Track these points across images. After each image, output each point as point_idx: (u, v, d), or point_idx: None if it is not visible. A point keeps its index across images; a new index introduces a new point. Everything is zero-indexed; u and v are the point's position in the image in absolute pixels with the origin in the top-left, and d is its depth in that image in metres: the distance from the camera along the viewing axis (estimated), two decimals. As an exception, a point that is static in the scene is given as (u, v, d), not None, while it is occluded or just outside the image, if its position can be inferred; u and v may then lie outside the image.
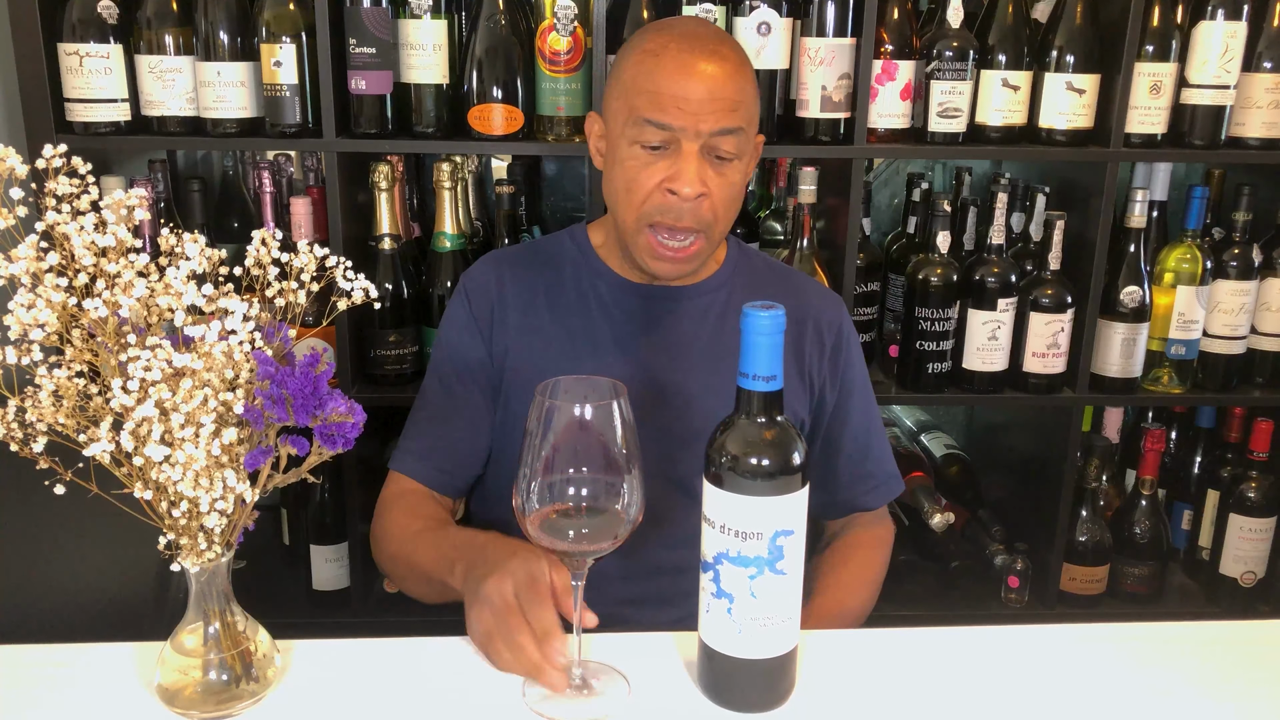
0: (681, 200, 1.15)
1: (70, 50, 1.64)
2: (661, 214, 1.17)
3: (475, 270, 1.34)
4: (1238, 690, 0.98)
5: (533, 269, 1.33)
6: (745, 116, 1.17)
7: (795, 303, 1.31)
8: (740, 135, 1.17)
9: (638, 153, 1.17)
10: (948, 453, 2.16)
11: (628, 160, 1.18)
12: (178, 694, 0.91)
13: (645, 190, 1.17)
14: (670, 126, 1.14)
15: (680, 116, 1.14)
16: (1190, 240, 1.86)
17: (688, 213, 1.16)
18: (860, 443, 1.36)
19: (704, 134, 1.14)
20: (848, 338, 1.36)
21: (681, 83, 1.14)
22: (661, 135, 1.15)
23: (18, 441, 0.83)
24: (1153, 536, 1.98)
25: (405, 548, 1.21)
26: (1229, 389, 1.93)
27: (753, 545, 0.87)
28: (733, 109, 1.15)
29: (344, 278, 0.89)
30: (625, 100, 1.18)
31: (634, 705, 0.94)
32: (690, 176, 1.14)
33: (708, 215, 1.18)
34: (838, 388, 1.35)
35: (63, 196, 0.82)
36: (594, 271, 1.31)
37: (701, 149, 1.15)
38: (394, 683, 0.97)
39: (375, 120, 1.69)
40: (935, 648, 1.04)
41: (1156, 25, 1.73)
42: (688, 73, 1.14)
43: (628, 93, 1.18)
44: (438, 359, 1.33)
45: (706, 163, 1.16)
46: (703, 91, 1.13)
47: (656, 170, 1.16)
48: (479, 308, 1.30)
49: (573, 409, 0.88)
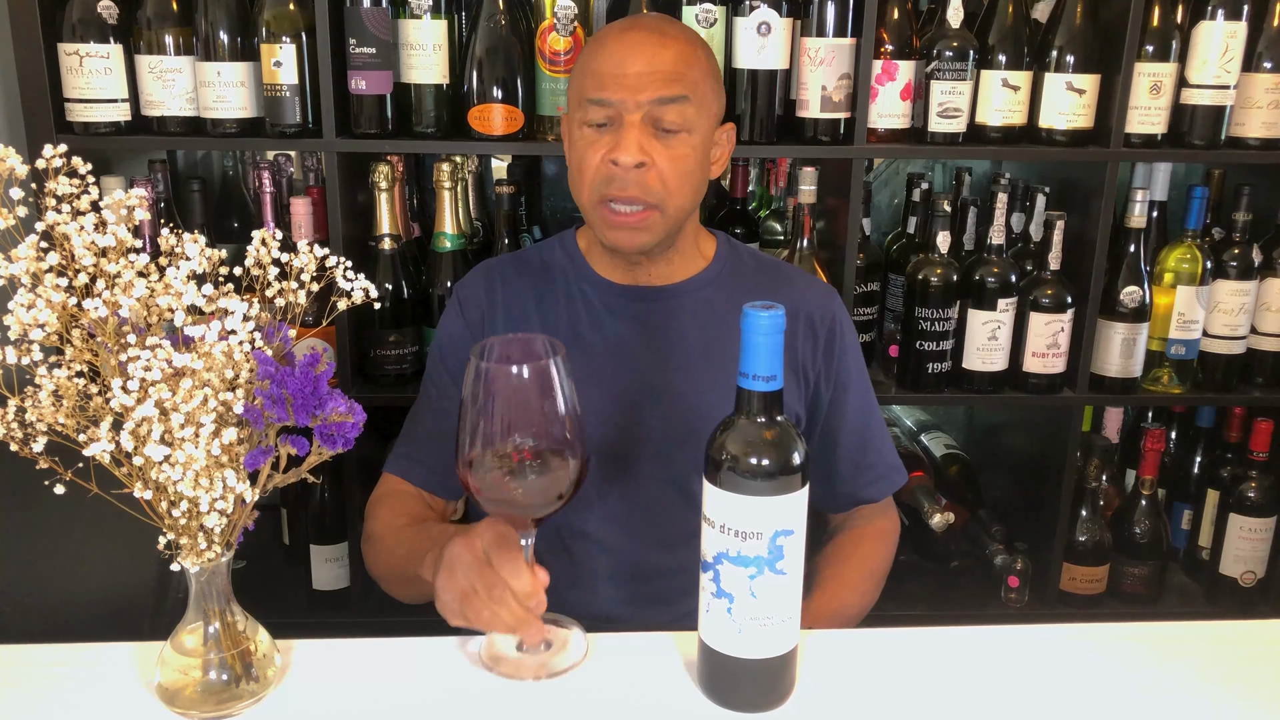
0: (624, 170, 1.17)
1: (70, 50, 1.64)
2: (607, 185, 1.18)
3: (467, 280, 1.36)
4: (1238, 690, 0.98)
5: (523, 277, 1.33)
6: (689, 87, 1.18)
7: (787, 297, 1.31)
8: (684, 105, 1.17)
9: (586, 133, 1.19)
10: (948, 453, 2.16)
11: (578, 142, 1.21)
12: (178, 694, 0.91)
13: (593, 166, 1.19)
14: (610, 101, 1.16)
15: (618, 90, 1.16)
16: (1190, 240, 1.86)
17: (632, 182, 1.17)
18: (859, 435, 1.36)
19: (643, 104, 1.16)
20: (842, 329, 1.34)
21: (619, 58, 1.17)
22: (604, 111, 1.17)
23: (18, 441, 0.83)
24: (1153, 536, 1.98)
25: (387, 545, 1.22)
26: (1229, 389, 1.93)
27: (753, 545, 0.88)
28: (672, 79, 1.16)
29: (344, 278, 0.89)
30: (575, 87, 1.22)
31: (634, 705, 0.94)
32: (628, 145, 1.16)
33: (655, 186, 1.18)
34: (833, 380, 1.34)
35: (63, 196, 0.82)
36: (581, 276, 1.31)
37: (644, 119, 1.17)
38: (394, 683, 0.97)
39: (375, 120, 1.69)
40: (935, 648, 1.04)
41: (1156, 25, 1.73)
42: (624, 47, 1.17)
43: (575, 79, 1.22)
44: (431, 366, 1.35)
45: (650, 134, 1.17)
46: (640, 64, 1.16)
47: (601, 145, 1.18)
48: (471, 315, 1.32)
49: (510, 369, 0.90)
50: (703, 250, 1.34)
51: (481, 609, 0.94)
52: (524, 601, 0.93)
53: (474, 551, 0.95)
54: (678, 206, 1.21)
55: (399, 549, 1.18)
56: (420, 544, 1.10)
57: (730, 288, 1.32)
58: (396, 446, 1.34)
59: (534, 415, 0.91)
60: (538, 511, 0.94)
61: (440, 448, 1.30)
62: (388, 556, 1.22)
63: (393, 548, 1.20)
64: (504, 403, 0.90)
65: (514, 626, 0.94)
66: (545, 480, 0.93)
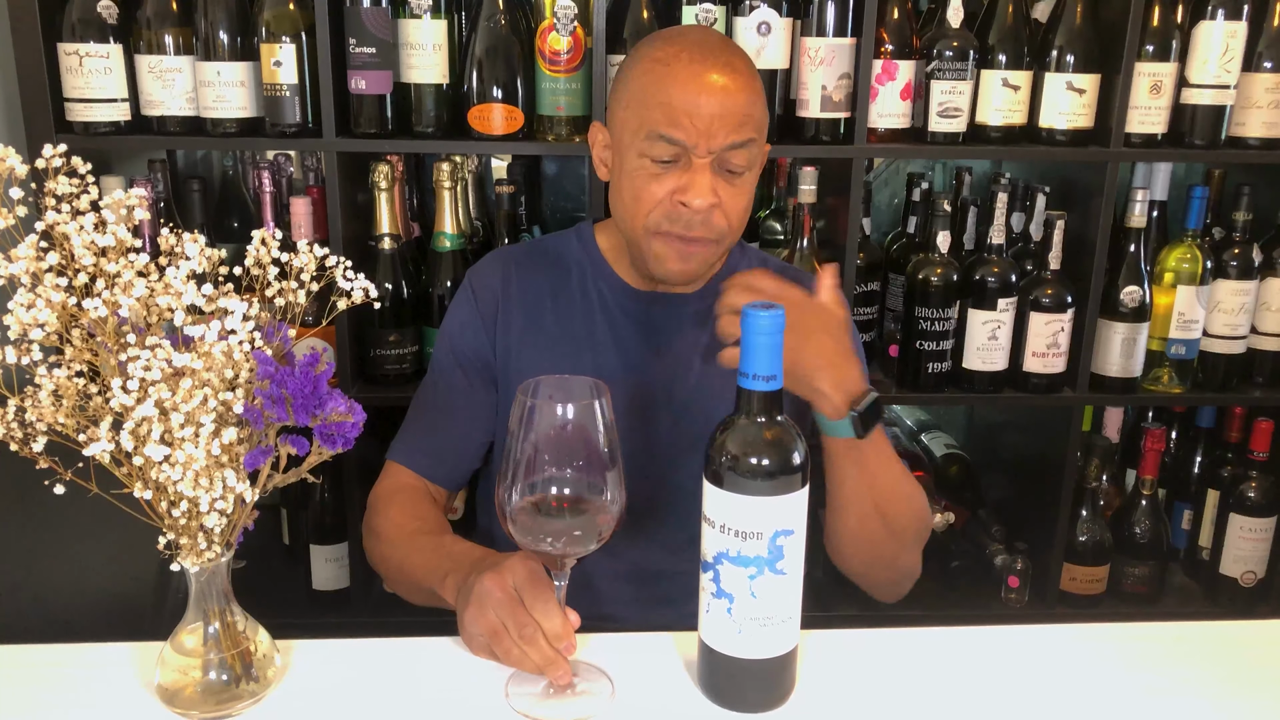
0: (693, 212, 1.14)
1: (70, 50, 1.64)
2: (671, 223, 1.16)
3: (482, 267, 1.34)
4: (1238, 690, 0.98)
5: (539, 270, 1.32)
6: (755, 128, 1.16)
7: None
8: (751, 148, 1.15)
9: (647, 165, 1.15)
10: (948, 452, 2.16)
11: (637, 172, 1.16)
12: (178, 694, 0.91)
13: (654, 200, 1.15)
14: (682, 143, 1.12)
15: (693, 133, 1.12)
16: (1190, 240, 1.86)
17: (698, 224, 1.15)
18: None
19: (715, 150, 1.13)
20: (852, 334, 1.34)
21: (693, 97, 1.11)
22: (672, 150, 1.13)
23: (18, 441, 0.83)
24: (1153, 536, 1.98)
25: (399, 550, 1.21)
26: (1229, 389, 1.93)
27: (753, 545, 0.88)
28: (743, 123, 1.13)
29: (344, 278, 0.89)
30: (634, 111, 1.16)
31: (634, 705, 0.94)
32: (702, 189, 1.13)
33: (720, 224, 1.17)
34: None
35: (63, 196, 0.82)
36: (599, 275, 1.31)
37: (713, 165, 1.14)
38: (394, 683, 0.97)
39: (375, 120, 1.69)
40: (935, 648, 1.04)
41: (1156, 25, 1.73)
42: (699, 86, 1.12)
43: (636, 104, 1.15)
44: (440, 352, 1.33)
45: (718, 175, 1.15)
46: (715, 106, 1.11)
47: (666, 182, 1.15)
48: (484, 304, 1.30)
49: (554, 408, 0.88)
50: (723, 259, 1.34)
51: (511, 648, 0.93)
52: (555, 643, 0.92)
53: (505, 589, 0.94)
54: (733, 241, 1.22)
55: (413, 557, 1.17)
56: (439, 561, 1.09)
57: None
58: (400, 433, 1.33)
59: (577, 456, 0.90)
60: (576, 553, 0.92)
61: (446, 437, 1.30)
62: (399, 561, 1.21)
63: (406, 554, 1.19)
64: (547, 442, 0.89)
65: (543, 667, 0.93)
66: (583, 521, 0.91)
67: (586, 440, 0.89)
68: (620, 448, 0.92)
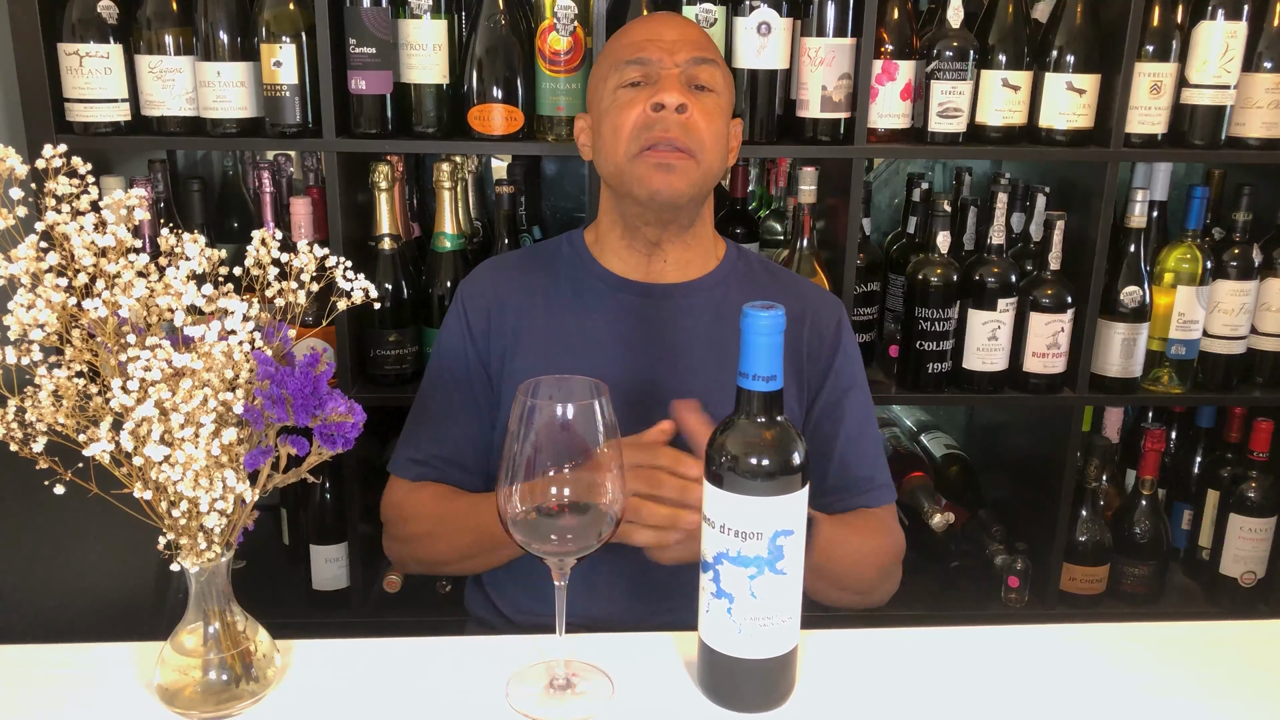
0: (667, 113, 1.20)
1: (70, 50, 1.64)
2: (649, 130, 1.21)
3: (473, 277, 1.37)
4: (1238, 690, 0.98)
5: (530, 272, 1.34)
6: (716, 56, 1.27)
7: (793, 304, 1.31)
8: (714, 68, 1.25)
9: (622, 95, 1.24)
10: (948, 453, 2.16)
11: (612, 106, 1.24)
12: (178, 694, 0.91)
13: (632, 120, 1.22)
14: (648, 60, 1.23)
15: (657, 50, 1.23)
16: (1190, 240, 1.86)
17: (674, 124, 1.20)
18: (854, 447, 1.34)
19: (680, 63, 1.23)
20: (845, 340, 1.35)
21: (655, 28, 1.26)
22: (642, 70, 1.23)
23: (18, 441, 0.83)
24: (1153, 536, 1.98)
25: (447, 525, 1.24)
26: (1229, 389, 1.93)
27: (753, 545, 0.88)
28: (704, 45, 1.26)
29: (344, 278, 0.89)
30: (606, 65, 1.27)
31: (634, 705, 0.94)
32: (672, 89, 1.21)
33: (695, 132, 1.21)
34: (831, 388, 1.33)
35: (62, 196, 0.82)
36: (589, 271, 1.32)
37: (680, 77, 1.23)
38: (394, 683, 0.97)
39: (375, 120, 1.69)
40: (935, 648, 1.04)
41: (1156, 25, 1.73)
42: (660, 20, 1.28)
43: (606, 59, 1.28)
44: (434, 366, 1.35)
45: (688, 90, 1.23)
46: (675, 32, 1.25)
47: (639, 100, 1.23)
48: (475, 315, 1.32)
49: (554, 408, 0.88)
50: (716, 250, 1.36)
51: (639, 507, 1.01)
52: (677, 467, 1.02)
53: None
54: (709, 163, 1.24)
55: (472, 518, 1.20)
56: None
57: (739, 289, 1.33)
58: (401, 450, 1.33)
59: (577, 456, 0.89)
60: (576, 553, 0.92)
61: (440, 448, 1.30)
62: (454, 536, 1.23)
63: (461, 522, 1.22)
64: (547, 441, 0.89)
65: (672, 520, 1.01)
66: (584, 521, 0.91)
67: (586, 440, 0.89)
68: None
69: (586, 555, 0.93)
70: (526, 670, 0.98)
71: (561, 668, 0.96)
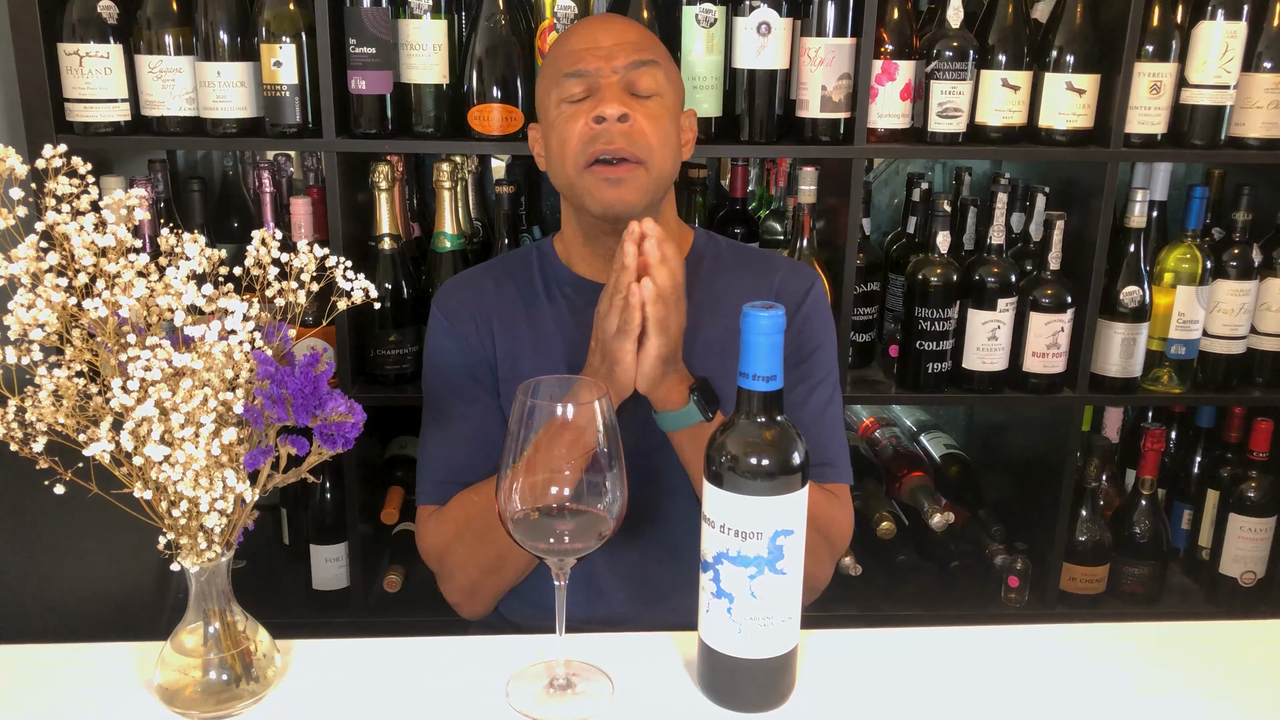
0: (609, 125, 1.19)
1: (70, 50, 1.64)
2: (592, 143, 1.20)
3: (447, 293, 1.33)
4: (1238, 690, 0.98)
5: (505, 283, 1.33)
6: (657, 55, 1.24)
7: (767, 282, 1.32)
8: (655, 70, 1.23)
9: (565, 109, 1.22)
10: (948, 453, 2.16)
11: (557, 120, 1.23)
12: (178, 694, 0.91)
13: (576, 133, 1.21)
14: (586, 71, 1.21)
15: (593, 59, 1.21)
16: (1190, 240, 1.86)
17: (617, 134, 1.19)
18: (810, 416, 1.29)
19: (619, 69, 1.21)
20: (812, 308, 1.31)
21: (589, 35, 1.24)
22: (582, 82, 1.21)
23: (18, 441, 0.83)
24: (1153, 536, 1.98)
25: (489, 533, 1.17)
26: (1229, 389, 1.93)
27: (753, 545, 0.88)
28: (642, 48, 1.23)
29: (344, 278, 0.89)
30: (548, 78, 1.25)
31: (634, 705, 0.94)
32: (610, 99, 1.19)
33: (639, 139, 1.20)
34: (794, 349, 1.29)
35: (63, 196, 0.82)
36: (559, 278, 1.32)
37: (620, 84, 1.21)
38: (394, 683, 0.97)
39: (375, 120, 1.69)
40: (935, 648, 1.04)
41: (1156, 25, 1.73)
42: (591, 27, 1.26)
43: (549, 69, 1.26)
44: (430, 384, 1.31)
45: (628, 94, 1.21)
46: (609, 38, 1.23)
47: (581, 113, 1.21)
48: (462, 325, 1.29)
49: (554, 409, 0.88)
50: (681, 243, 1.34)
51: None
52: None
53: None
54: (660, 167, 1.22)
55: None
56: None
57: (709, 280, 1.32)
58: (423, 476, 1.29)
59: (577, 455, 0.90)
60: (576, 552, 0.92)
61: (477, 467, 1.26)
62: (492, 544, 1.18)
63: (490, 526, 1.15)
64: (547, 441, 0.89)
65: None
66: (584, 521, 0.91)
67: (586, 440, 0.89)
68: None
69: (586, 555, 0.93)
70: (526, 670, 0.98)
71: (561, 668, 0.96)
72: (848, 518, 1.30)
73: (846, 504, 1.30)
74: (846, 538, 1.30)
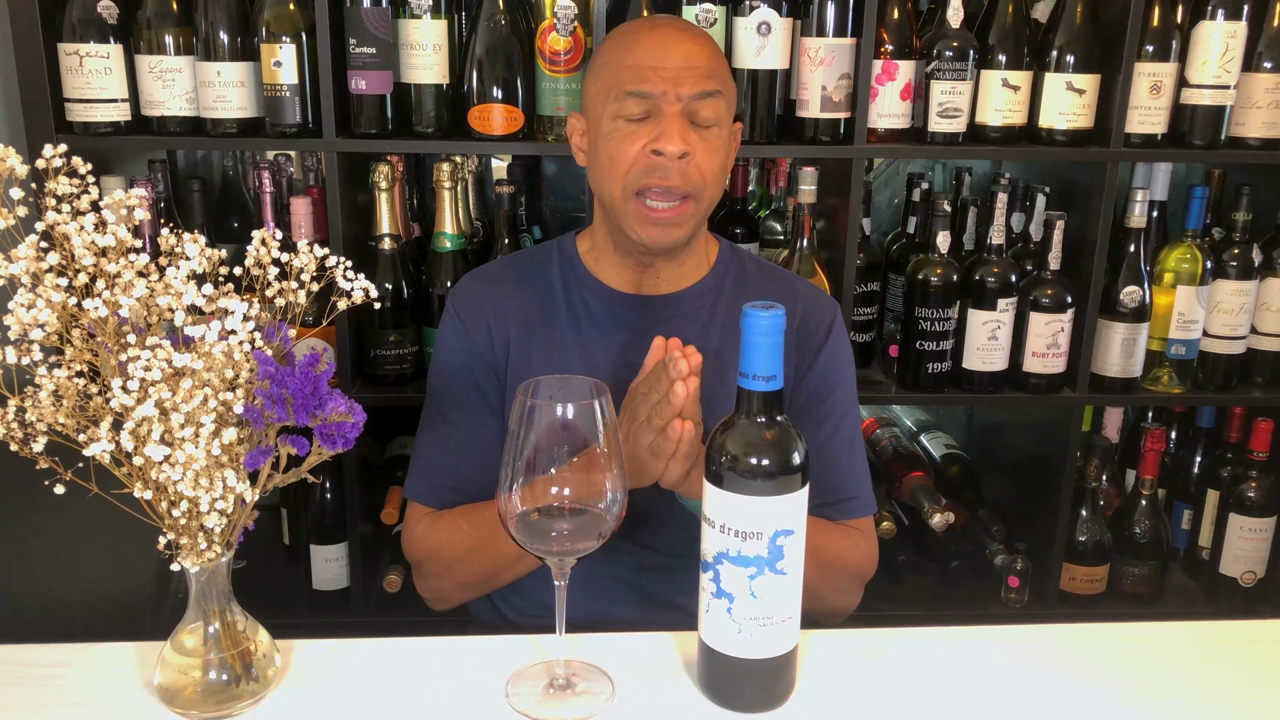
0: (668, 160, 1.16)
1: (70, 50, 1.64)
2: (648, 175, 1.17)
3: (465, 291, 1.32)
4: (1238, 690, 0.98)
5: (523, 285, 1.31)
6: (721, 83, 1.20)
7: (788, 303, 1.30)
8: (718, 100, 1.19)
9: (620, 125, 1.18)
10: (948, 453, 2.16)
11: (611, 135, 1.19)
12: (178, 694, 0.91)
13: (630, 157, 1.18)
14: (651, 94, 1.16)
15: (660, 83, 1.16)
16: (1190, 240, 1.86)
17: (675, 172, 1.17)
18: (823, 453, 1.29)
19: (684, 98, 1.17)
20: (835, 343, 1.31)
21: (659, 52, 1.17)
22: (643, 105, 1.17)
23: (18, 441, 0.83)
24: (1153, 536, 1.98)
25: (481, 549, 1.20)
26: (1229, 389, 1.93)
27: (753, 545, 0.88)
28: (710, 75, 1.18)
29: (344, 278, 0.89)
30: (605, 81, 1.20)
31: (634, 705, 0.94)
32: (674, 135, 1.16)
33: (695, 177, 1.18)
34: (814, 388, 1.30)
35: (63, 196, 0.82)
36: (582, 283, 1.30)
37: (682, 113, 1.17)
38: (394, 683, 0.97)
39: (375, 120, 1.69)
40: (935, 648, 1.04)
41: (1156, 25, 1.73)
42: (664, 41, 1.18)
43: (607, 72, 1.20)
44: (436, 382, 1.30)
45: (689, 125, 1.18)
46: (680, 59, 1.17)
47: (639, 136, 1.18)
48: (475, 329, 1.28)
49: (554, 408, 0.88)
50: (708, 254, 1.33)
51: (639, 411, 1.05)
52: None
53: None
54: (710, 199, 1.22)
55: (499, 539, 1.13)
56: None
57: (733, 295, 1.31)
58: (415, 473, 1.29)
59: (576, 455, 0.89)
60: (576, 552, 0.92)
61: (455, 471, 1.27)
62: (487, 559, 1.20)
63: (486, 541, 1.18)
64: (547, 441, 0.89)
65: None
66: (584, 521, 0.91)
67: (587, 440, 0.89)
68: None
69: (586, 555, 0.93)
70: (526, 670, 0.98)
71: (561, 668, 0.96)
72: (873, 549, 1.31)
73: (871, 536, 1.31)
74: (874, 566, 1.31)
